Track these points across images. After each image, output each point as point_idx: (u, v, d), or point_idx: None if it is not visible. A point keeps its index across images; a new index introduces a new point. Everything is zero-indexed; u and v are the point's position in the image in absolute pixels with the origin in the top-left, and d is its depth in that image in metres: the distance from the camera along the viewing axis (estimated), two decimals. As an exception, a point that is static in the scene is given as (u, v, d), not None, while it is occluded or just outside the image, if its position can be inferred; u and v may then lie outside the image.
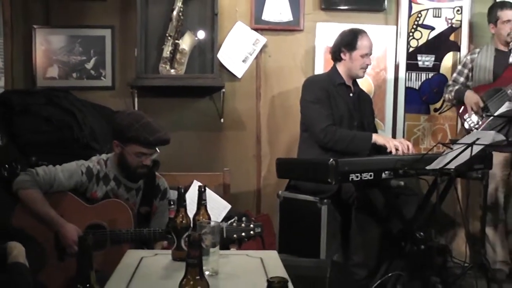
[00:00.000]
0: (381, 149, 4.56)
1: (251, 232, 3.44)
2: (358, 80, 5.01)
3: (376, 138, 4.49)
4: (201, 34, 5.44)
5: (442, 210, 5.41)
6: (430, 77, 5.95)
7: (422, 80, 5.94)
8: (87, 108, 5.01)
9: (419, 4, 5.87)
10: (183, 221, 2.95)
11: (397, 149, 4.43)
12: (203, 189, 3.07)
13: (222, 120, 5.52)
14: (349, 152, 4.41)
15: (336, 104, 4.70)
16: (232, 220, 3.54)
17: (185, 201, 3.00)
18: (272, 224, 5.10)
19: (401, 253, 4.35)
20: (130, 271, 2.74)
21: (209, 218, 3.06)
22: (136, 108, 5.25)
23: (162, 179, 4.09)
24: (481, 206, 5.06)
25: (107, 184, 3.80)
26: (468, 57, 5.52)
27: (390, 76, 5.88)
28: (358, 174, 3.81)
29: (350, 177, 3.78)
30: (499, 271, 5.33)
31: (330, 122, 4.56)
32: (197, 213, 3.05)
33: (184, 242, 2.93)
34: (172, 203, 3.06)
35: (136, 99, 5.28)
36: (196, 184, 4.50)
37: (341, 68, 4.80)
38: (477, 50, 5.50)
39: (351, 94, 4.83)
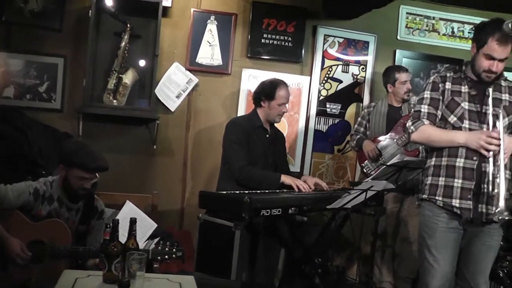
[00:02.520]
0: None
1: (173, 255, 3.54)
2: (275, 121, 5.10)
3: (284, 179, 4.56)
4: (142, 71, 5.48)
5: (339, 237, 5.58)
6: (336, 122, 6.11)
7: (329, 125, 6.09)
8: (37, 128, 4.97)
9: (331, 60, 6.04)
10: (115, 249, 3.01)
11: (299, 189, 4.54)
12: (134, 221, 3.14)
13: (155, 146, 5.54)
14: (260, 189, 4.49)
15: (254, 145, 4.73)
16: (157, 241, 3.63)
17: (117, 231, 3.06)
18: (192, 239, 5.13)
19: (301, 275, 4.47)
20: (66, 293, 2.76)
21: (137, 246, 3.13)
22: (80, 130, 5.28)
23: (100, 201, 4.13)
24: (373, 234, 5.27)
25: (51, 204, 3.81)
26: (365, 110, 5.68)
27: (302, 119, 6.00)
28: (269, 210, 3.86)
29: (261, 213, 3.80)
30: (383, 289, 5.52)
31: (246, 162, 4.58)
32: (127, 241, 3.11)
33: (114, 267, 2.99)
34: (108, 226, 3.10)
35: (81, 123, 5.28)
36: (128, 204, 4.52)
37: (260, 113, 4.84)
38: (373, 104, 5.65)
39: (267, 135, 4.87)
